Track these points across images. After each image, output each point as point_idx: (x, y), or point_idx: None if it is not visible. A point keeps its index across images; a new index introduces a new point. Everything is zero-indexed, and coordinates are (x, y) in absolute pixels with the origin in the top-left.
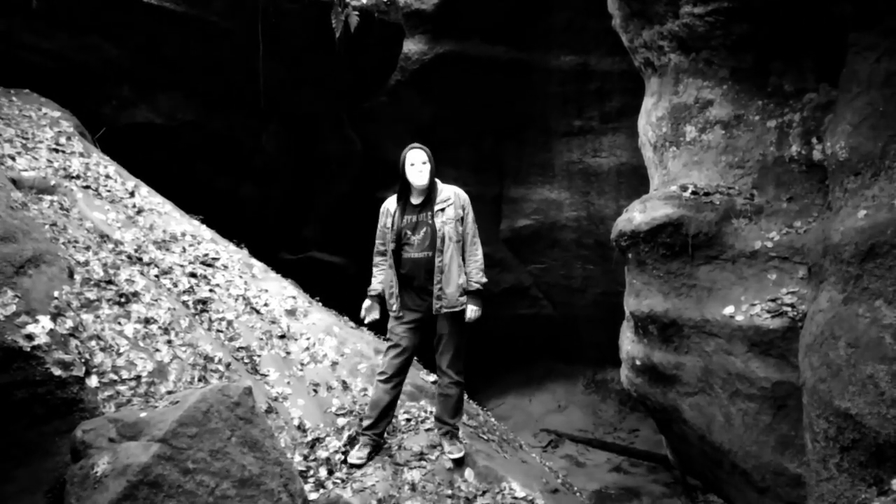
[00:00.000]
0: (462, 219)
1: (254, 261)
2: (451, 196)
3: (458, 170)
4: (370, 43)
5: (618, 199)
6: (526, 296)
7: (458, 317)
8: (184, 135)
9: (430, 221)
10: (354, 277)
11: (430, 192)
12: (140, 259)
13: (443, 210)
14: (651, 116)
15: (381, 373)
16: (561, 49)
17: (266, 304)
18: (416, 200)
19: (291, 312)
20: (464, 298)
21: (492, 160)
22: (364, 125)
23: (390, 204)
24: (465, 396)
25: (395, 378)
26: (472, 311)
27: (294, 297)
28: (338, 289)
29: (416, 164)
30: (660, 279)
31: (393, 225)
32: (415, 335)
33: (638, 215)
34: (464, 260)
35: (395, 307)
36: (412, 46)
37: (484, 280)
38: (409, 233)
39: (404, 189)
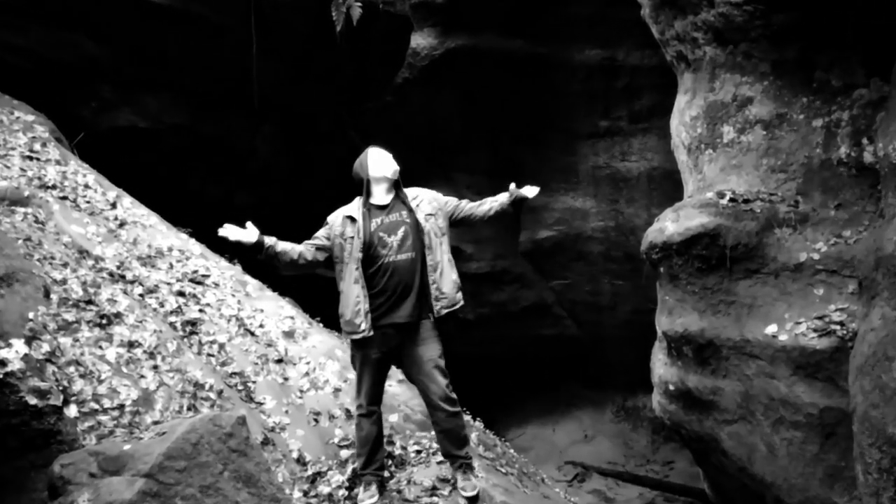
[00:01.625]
0: (438, 211)
1: (248, 278)
2: (419, 194)
3: (471, 175)
4: (374, 37)
5: (649, 207)
6: (548, 314)
7: (448, 322)
8: (171, 139)
9: (408, 219)
10: None
11: (398, 189)
12: (123, 277)
13: (418, 206)
14: (685, 116)
15: (359, 406)
16: (585, 42)
17: (261, 326)
18: (380, 201)
19: (289, 334)
20: (459, 296)
21: (509, 165)
22: (368, 127)
23: (343, 214)
24: (482, 426)
25: (374, 407)
26: (529, 190)
27: (292, 318)
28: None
29: (381, 157)
30: (695, 295)
31: (360, 233)
32: (387, 361)
33: (671, 225)
34: (453, 257)
35: (362, 327)
36: (421, 41)
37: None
38: (382, 235)
39: (367, 193)
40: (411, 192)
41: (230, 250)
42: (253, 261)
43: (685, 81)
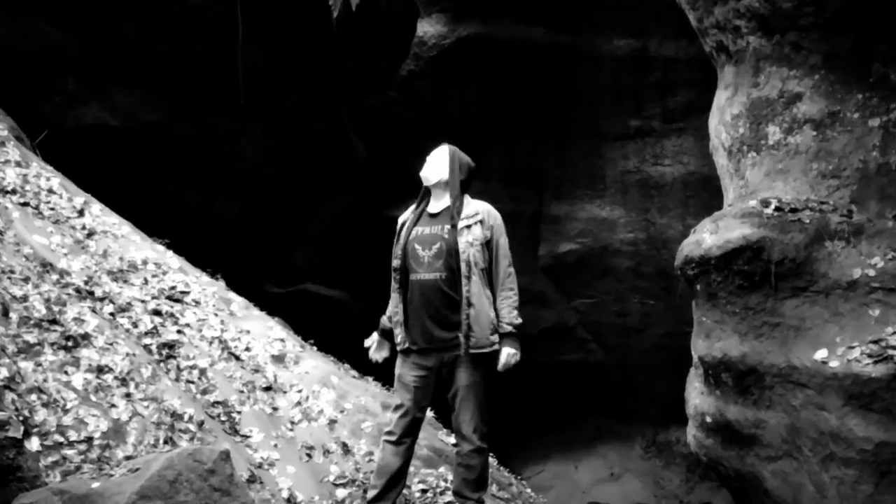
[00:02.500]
0: (488, 241)
1: (232, 295)
2: (481, 212)
3: (486, 182)
4: (376, 24)
5: (684, 216)
6: (571, 338)
7: (483, 362)
8: (145, 139)
9: (447, 236)
10: (358, 317)
11: (451, 201)
12: (91, 293)
13: (469, 228)
14: (725, 114)
15: (388, 432)
16: (613, 31)
17: (248, 349)
18: (434, 209)
19: (279, 359)
20: (496, 338)
21: (528, 170)
22: (369, 126)
23: (401, 218)
24: (495, 463)
25: (406, 438)
26: (508, 356)
27: (282, 340)
28: (337, 330)
29: (433, 157)
30: (735, 316)
31: (399, 239)
32: (427, 383)
33: (709, 237)
34: (492, 294)
35: (399, 338)
36: (429, 28)
37: (519, 321)
38: (417, 247)
39: (424, 195)
40: (473, 208)
41: (212, 264)
42: (238, 277)
43: (726, 75)
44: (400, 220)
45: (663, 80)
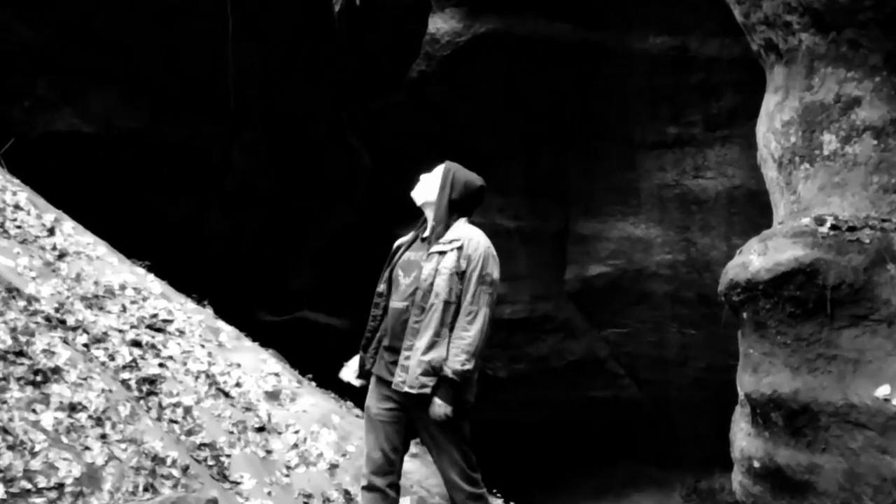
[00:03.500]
0: (463, 273)
1: (221, 324)
2: (461, 239)
3: (504, 196)
4: (383, 20)
5: (729, 236)
6: (601, 372)
7: (425, 403)
8: (124, 148)
9: (422, 263)
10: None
11: (433, 222)
12: (63, 322)
13: (442, 254)
14: (774, 121)
15: (363, 475)
16: (648, 27)
17: (238, 385)
18: (426, 232)
19: (274, 396)
20: (428, 380)
21: (552, 183)
22: (374, 133)
23: (404, 238)
24: None
25: (382, 479)
26: (437, 407)
27: (277, 375)
28: (338, 362)
29: (426, 175)
30: (786, 348)
31: (390, 262)
32: (397, 418)
33: (756, 259)
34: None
35: (368, 363)
36: (442, 24)
37: (466, 368)
38: (399, 273)
39: (424, 220)
40: (456, 233)
41: (199, 289)
42: (228, 304)
43: (775, 77)
44: (396, 244)
45: (705, 81)
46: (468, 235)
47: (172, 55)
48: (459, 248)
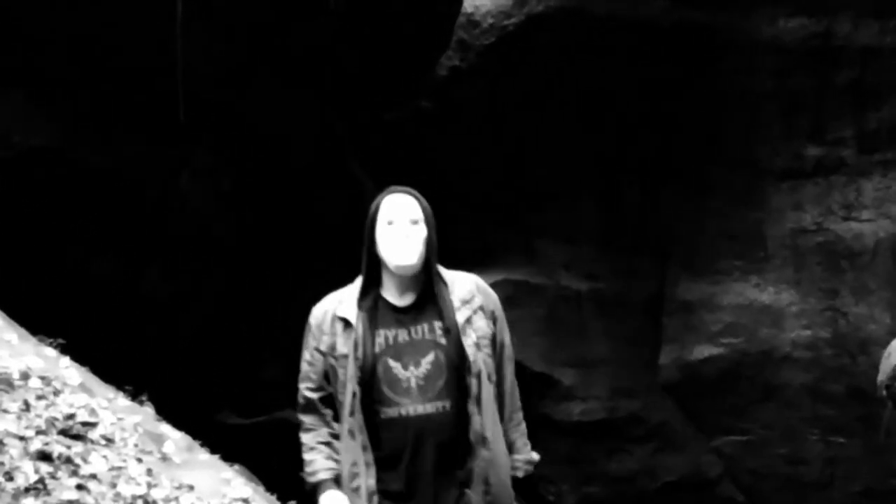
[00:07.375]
0: (494, 337)
1: (167, 428)
2: (473, 291)
3: (571, 244)
4: None
5: (893, 303)
6: (712, 497)
7: None
8: (29, 173)
9: (443, 341)
10: None
11: (428, 283)
12: None
13: (469, 321)
14: None
15: None
16: (777, 5)
17: None
18: (400, 300)
19: None
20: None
21: (640, 227)
22: (385, 156)
23: (331, 311)
24: None
25: None
26: None
27: (245, 501)
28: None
29: (399, 223)
30: None
31: (356, 349)
32: None
33: None
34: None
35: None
36: (483, 2)
37: (536, 458)
38: (393, 365)
39: (372, 276)
40: (460, 286)
41: (134, 379)
42: (176, 400)
43: None
44: (317, 320)
45: (859, 82)
46: (474, 285)
47: (96, 48)
48: (481, 307)
